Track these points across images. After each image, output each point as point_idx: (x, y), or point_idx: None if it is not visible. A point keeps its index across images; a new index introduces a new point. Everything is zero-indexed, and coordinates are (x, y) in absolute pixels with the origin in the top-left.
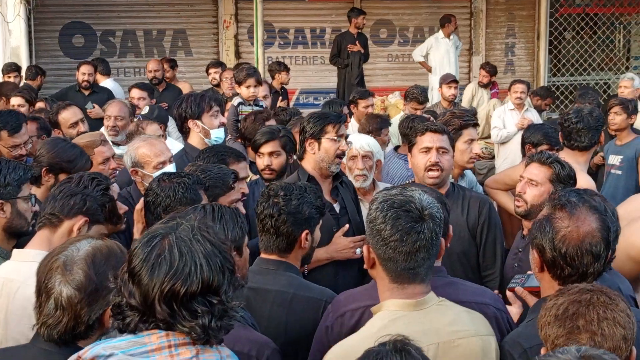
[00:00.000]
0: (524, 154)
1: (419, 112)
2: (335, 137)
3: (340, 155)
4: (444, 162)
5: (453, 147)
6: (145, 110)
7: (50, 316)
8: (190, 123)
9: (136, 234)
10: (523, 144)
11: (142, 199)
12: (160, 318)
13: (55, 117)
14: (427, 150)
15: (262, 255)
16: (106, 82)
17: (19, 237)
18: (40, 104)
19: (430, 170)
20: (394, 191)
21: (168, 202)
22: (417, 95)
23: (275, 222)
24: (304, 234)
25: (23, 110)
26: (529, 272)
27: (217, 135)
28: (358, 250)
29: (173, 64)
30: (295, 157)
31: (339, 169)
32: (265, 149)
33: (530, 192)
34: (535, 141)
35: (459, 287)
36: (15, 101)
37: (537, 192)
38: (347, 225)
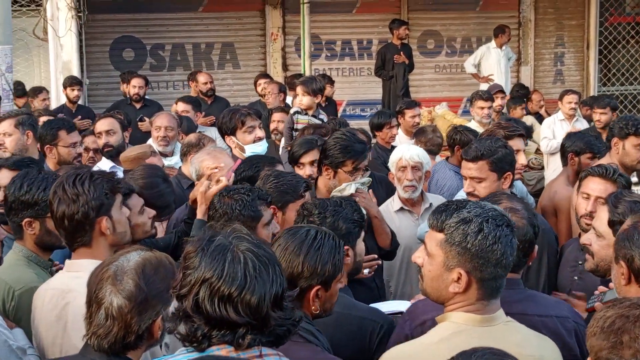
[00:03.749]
0: (565, 163)
1: (485, 111)
2: (352, 171)
3: None
4: (479, 190)
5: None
6: None
7: (100, 326)
8: (227, 139)
9: (199, 215)
10: (564, 152)
11: (205, 182)
12: (268, 328)
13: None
14: (466, 178)
15: None
16: None
17: (53, 250)
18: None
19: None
20: (483, 207)
21: (226, 219)
22: (481, 94)
23: None
24: None
25: None
26: (602, 290)
27: (253, 150)
28: (366, 271)
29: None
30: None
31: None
32: (306, 158)
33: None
34: (578, 150)
35: (537, 300)
36: None
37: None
38: None
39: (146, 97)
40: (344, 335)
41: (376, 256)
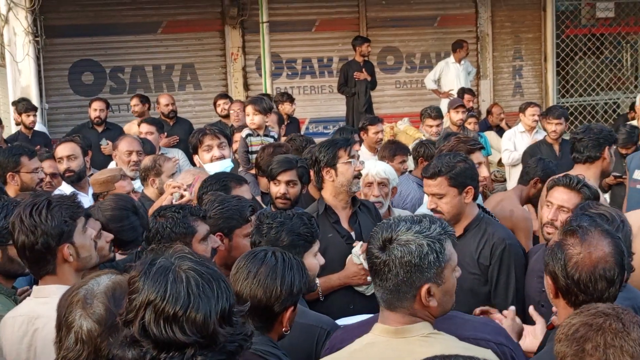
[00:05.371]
0: (524, 183)
1: (433, 129)
2: (349, 160)
3: (358, 176)
4: (441, 206)
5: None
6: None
7: (70, 350)
8: (194, 158)
9: None
10: (528, 173)
11: (169, 197)
12: (218, 346)
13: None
14: (429, 195)
15: None
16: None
17: (16, 277)
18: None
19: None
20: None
21: (158, 237)
22: (429, 112)
23: None
24: None
25: None
26: None
27: (210, 169)
28: (369, 278)
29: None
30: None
31: (359, 187)
32: (283, 177)
33: (563, 219)
34: (545, 178)
35: (456, 321)
36: None
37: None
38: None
39: (107, 120)
40: (292, 343)
41: None
